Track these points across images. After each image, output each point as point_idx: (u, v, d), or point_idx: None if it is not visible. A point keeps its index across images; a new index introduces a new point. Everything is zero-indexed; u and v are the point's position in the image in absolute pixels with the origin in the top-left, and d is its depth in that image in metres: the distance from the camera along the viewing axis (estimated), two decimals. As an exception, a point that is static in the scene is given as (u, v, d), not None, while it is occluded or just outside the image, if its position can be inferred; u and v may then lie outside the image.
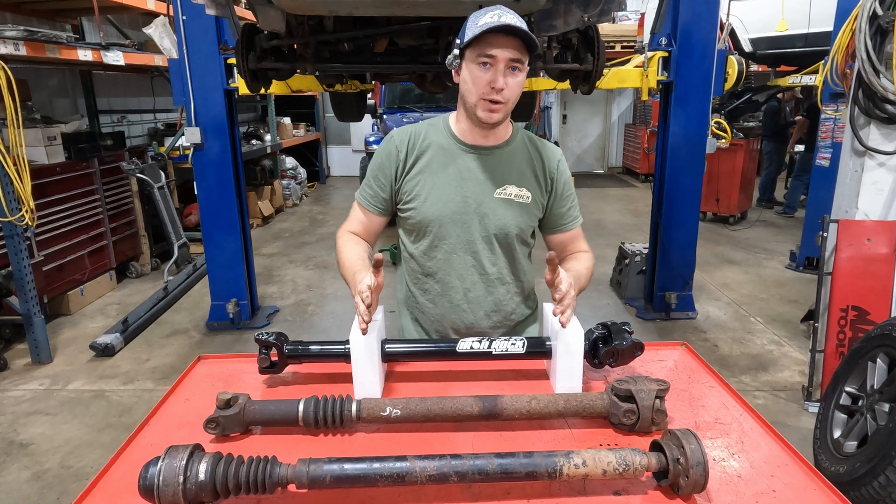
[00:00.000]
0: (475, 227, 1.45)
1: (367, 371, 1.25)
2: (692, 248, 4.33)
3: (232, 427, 1.11)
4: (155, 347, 4.07)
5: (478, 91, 1.34)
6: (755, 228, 7.16)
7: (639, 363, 1.36)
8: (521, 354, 1.30)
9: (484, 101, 1.34)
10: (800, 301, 4.68)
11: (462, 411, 1.13)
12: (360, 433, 1.15)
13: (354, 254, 1.43)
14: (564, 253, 1.54)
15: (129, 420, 3.14)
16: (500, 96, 1.33)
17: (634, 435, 1.13)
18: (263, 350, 1.30)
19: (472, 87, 1.34)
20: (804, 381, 3.37)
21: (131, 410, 3.24)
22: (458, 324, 1.52)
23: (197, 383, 1.36)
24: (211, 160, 4.09)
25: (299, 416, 1.12)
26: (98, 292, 5.01)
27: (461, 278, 1.49)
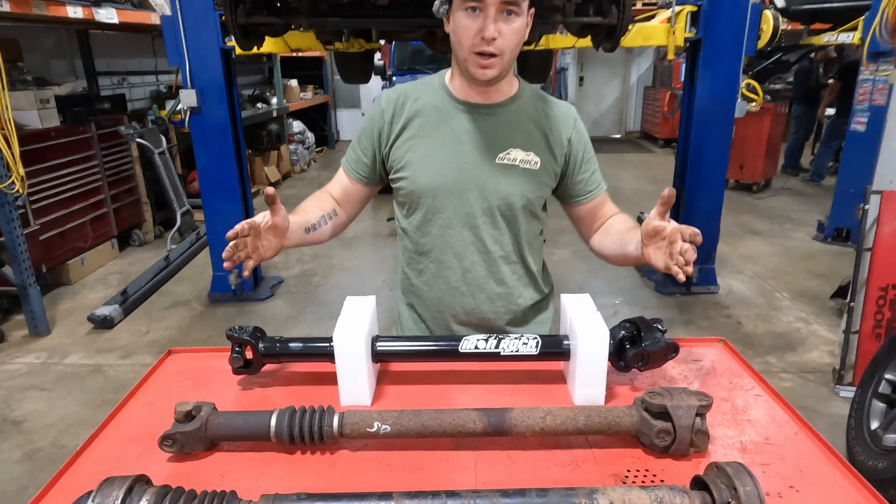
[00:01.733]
0: (474, 199, 1.25)
1: (355, 375, 1.07)
2: (716, 218, 4.08)
3: (192, 444, 0.95)
4: (155, 319, 3.96)
5: (467, 42, 1.14)
6: (780, 197, 6.85)
7: (670, 364, 1.17)
8: (533, 356, 1.11)
9: (475, 56, 1.14)
10: (828, 275, 4.44)
11: (464, 428, 0.95)
12: (343, 451, 0.98)
13: (304, 205, 1.31)
14: (598, 222, 1.36)
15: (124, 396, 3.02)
16: (492, 47, 1.12)
17: (669, 458, 0.95)
18: (236, 348, 1.13)
19: (460, 38, 1.15)
20: (834, 362, 3.17)
21: (128, 387, 3.11)
22: (456, 309, 1.34)
23: (164, 383, 1.19)
24: (209, 124, 3.88)
25: (271, 432, 0.95)
26: (99, 261, 4.89)
27: (459, 257, 1.30)
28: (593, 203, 1.34)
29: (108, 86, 6.12)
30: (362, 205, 1.40)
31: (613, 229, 1.31)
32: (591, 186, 1.33)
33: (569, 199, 1.35)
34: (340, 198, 1.36)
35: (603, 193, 1.35)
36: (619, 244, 1.24)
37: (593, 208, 1.35)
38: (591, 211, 1.35)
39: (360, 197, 1.37)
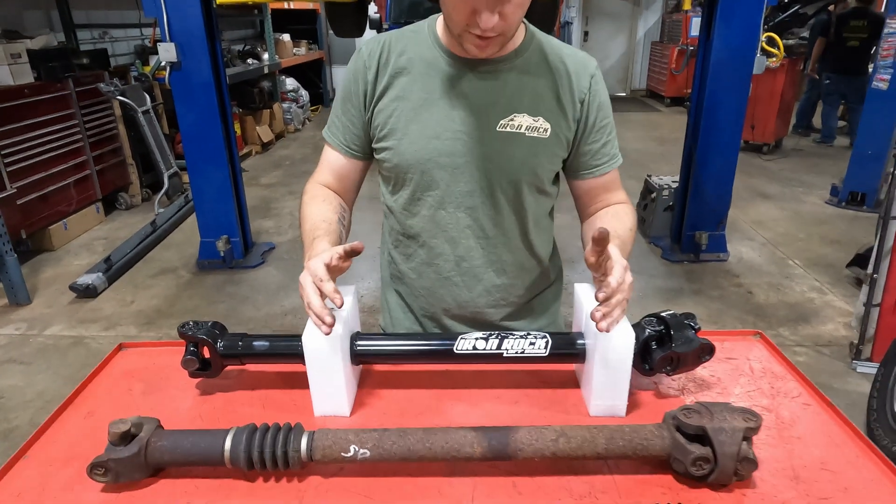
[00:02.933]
0: (472, 174, 1.05)
1: (329, 382, 0.90)
2: (729, 181, 3.87)
3: (129, 473, 0.78)
4: (141, 288, 3.79)
5: (459, 20, 0.92)
6: (791, 159, 6.61)
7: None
8: (542, 357, 0.94)
9: (469, 34, 0.93)
10: (842, 242, 4.26)
11: (459, 453, 0.79)
12: (314, 477, 0.81)
13: (319, 214, 1.06)
14: (595, 206, 1.15)
15: (107, 371, 2.88)
16: (491, 31, 0.91)
17: (706, 487, 0.79)
18: (191, 347, 0.96)
19: (450, 12, 0.93)
20: (851, 336, 3.02)
21: (110, 360, 2.98)
22: (448, 302, 1.16)
23: (110, 386, 1.03)
24: (191, 81, 3.63)
25: (226, 457, 0.78)
26: (84, 226, 4.70)
27: (452, 242, 1.11)
28: (596, 182, 1.12)
29: (87, 40, 5.79)
30: (361, 184, 1.19)
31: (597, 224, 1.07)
32: (597, 160, 1.11)
33: (573, 172, 1.13)
34: (336, 184, 1.15)
35: (612, 172, 1.13)
36: None
37: (594, 188, 1.13)
38: (592, 191, 1.14)
39: (357, 175, 1.16)
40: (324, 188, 1.14)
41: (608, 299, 0.85)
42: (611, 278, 0.86)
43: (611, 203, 1.14)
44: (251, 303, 3.58)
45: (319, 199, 1.10)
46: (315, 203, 1.09)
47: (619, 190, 1.15)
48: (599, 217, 1.11)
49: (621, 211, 1.11)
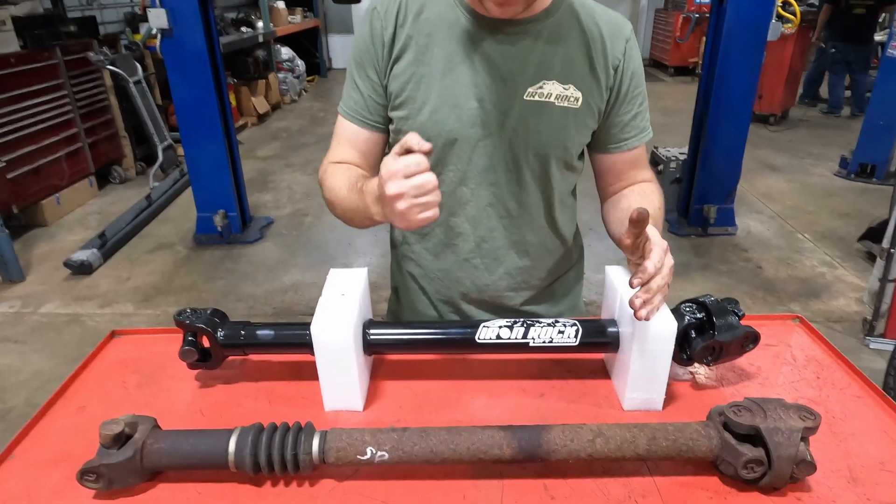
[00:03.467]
0: (496, 147, 0.96)
1: (341, 375, 0.83)
2: (739, 153, 3.77)
3: (123, 479, 0.71)
4: (137, 264, 3.71)
5: None
6: (798, 129, 6.48)
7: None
8: (572, 347, 0.86)
9: None
10: (852, 215, 4.18)
11: (486, 455, 0.72)
12: (327, 480, 0.74)
13: (352, 172, 0.98)
14: (619, 184, 1.06)
15: (104, 350, 2.82)
16: None
17: (756, 491, 0.72)
18: (189, 337, 0.88)
19: None
20: (864, 311, 2.97)
21: (107, 339, 2.91)
22: (466, 285, 1.08)
23: (102, 377, 0.95)
24: (184, 50, 3.49)
25: (230, 460, 0.71)
26: (77, 201, 4.59)
27: (473, 222, 1.03)
28: (623, 157, 1.03)
29: (74, 6, 5.59)
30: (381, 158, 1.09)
31: (624, 205, 1.00)
32: (627, 133, 1.02)
33: (600, 145, 1.04)
34: (358, 160, 1.04)
35: (640, 147, 1.04)
36: (619, 229, 0.96)
37: (620, 164, 1.04)
38: (617, 167, 1.05)
39: (379, 147, 1.06)
40: (348, 168, 1.03)
41: (646, 284, 0.77)
42: (648, 262, 0.78)
43: (636, 181, 1.05)
44: (250, 279, 3.51)
45: (343, 168, 1.00)
46: (339, 173, 0.99)
47: (645, 167, 1.06)
48: (625, 196, 1.02)
49: (648, 189, 1.03)
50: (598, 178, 1.08)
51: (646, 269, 0.78)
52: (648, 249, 0.79)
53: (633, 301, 0.77)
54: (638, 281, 0.78)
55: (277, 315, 3.10)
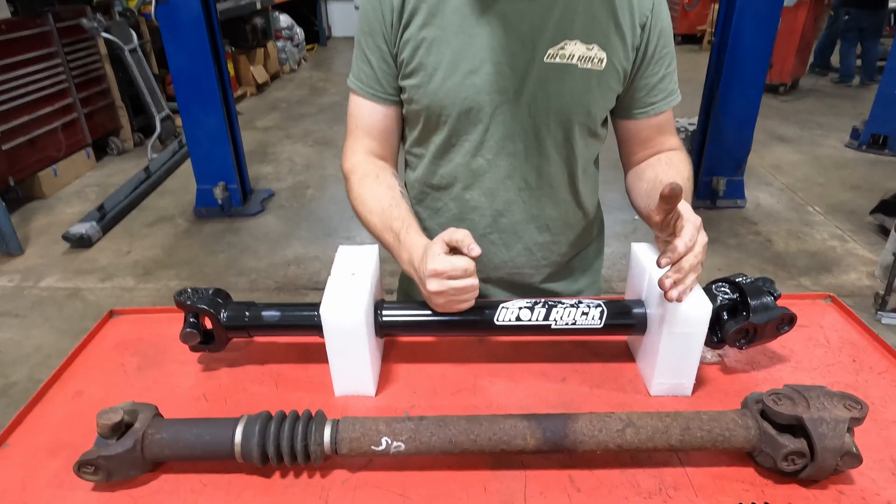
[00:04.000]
0: (514, 114, 0.90)
1: (352, 360, 0.78)
2: (751, 124, 3.68)
3: (124, 470, 0.67)
4: (137, 238, 3.65)
5: None
6: (808, 99, 6.34)
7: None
8: (596, 329, 0.81)
9: None
10: (863, 187, 4.10)
11: (509, 445, 0.67)
12: (339, 472, 0.70)
13: (384, 198, 0.92)
14: (644, 152, 1.00)
15: (105, 325, 2.78)
16: None
17: (795, 483, 0.68)
18: (191, 319, 0.83)
19: None
20: (875, 285, 2.92)
21: (109, 313, 2.88)
22: (482, 263, 1.03)
23: (101, 360, 0.90)
24: (180, 17, 3.37)
25: (236, 451, 0.67)
26: (75, 172, 4.51)
27: (490, 195, 0.97)
28: (649, 123, 0.96)
29: (66, -29, 5.41)
30: (401, 135, 1.02)
31: (651, 175, 0.93)
32: (654, 97, 0.95)
33: (624, 110, 0.97)
34: (379, 146, 0.98)
35: (667, 112, 0.97)
36: (646, 202, 0.90)
37: (647, 130, 0.97)
38: (643, 133, 0.98)
39: (399, 124, 0.99)
40: (368, 159, 0.97)
41: (676, 263, 0.72)
42: (678, 241, 0.72)
43: (663, 148, 0.99)
44: (252, 252, 3.46)
45: (372, 178, 0.94)
46: (369, 184, 0.93)
47: (672, 133, 1.00)
48: (651, 166, 0.96)
49: (676, 158, 0.96)
50: (621, 145, 1.02)
51: (676, 248, 0.72)
52: (680, 227, 0.73)
53: (663, 281, 0.72)
54: (667, 261, 0.73)
55: (280, 290, 3.06)
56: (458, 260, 0.75)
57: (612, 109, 0.98)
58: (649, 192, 0.89)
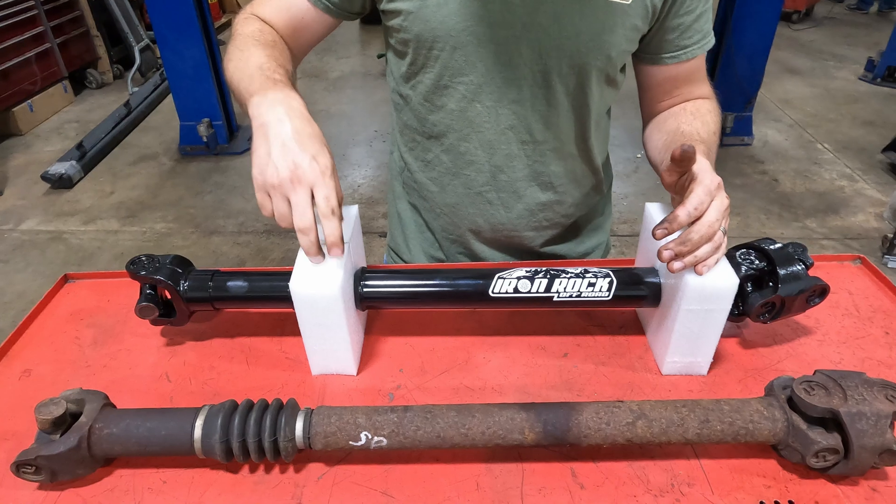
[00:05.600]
0: (521, 54, 0.77)
1: (329, 338, 0.69)
2: (763, 55, 3.48)
3: (70, 469, 0.59)
4: (120, 177, 3.51)
5: None
6: (822, 28, 6.04)
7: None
8: (604, 301, 0.72)
9: None
10: (876, 123, 3.95)
11: (505, 440, 0.60)
12: (314, 466, 0.63)
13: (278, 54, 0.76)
14: (669, 101, 0.88)
15: (90, 268, 2.70)
16: None
17: (824, 479, 0.61)
18: (147, 291, 0.73)
19: None
20: (883, 227, 2.84)
21: (93, 258, 2.79)
22: (478, 223, 0.93)
23: (53, 331, 0.81)
24: (150, -66, 3.10)
25: (196, 447, 0.59)
26: (52, 107, 4.30)
27: (488, 148, 0.85)
28: (679, 69, 0.84)
29: None
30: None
31: (672, 126, 0.82)
32: (687, 39, 0.81)
33: (651, 54, 0.84)
34: (287, 32, 0.83)
35: (699, 58, 0.84)
36: (661, 156, 0.79)
37: (676, 77, 0.85)
38: (671, 81, 0.85)
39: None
40: (270, 31, 0.81)
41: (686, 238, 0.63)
42: (680, 208, 0.63)
43: (692, 97, 0.86)
44: (240, 193, 3.33)
45: (263, 34, 0.78)
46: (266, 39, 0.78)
47: (704, 80, 0.87)
48: (673, 115, 0.84)
49: (703, 108, 0.84)
50: (643, 93, 0.89)
51: (675, 217, 0.63)
52: (690, 191, 0.63)
53: (662, 253, 0.64)
54: (662, 231, 0.64)
55: (270, 233, 2.96)
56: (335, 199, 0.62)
57: (634, 52, 0.85)
58: (669, 144, 0.78)
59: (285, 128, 0.62)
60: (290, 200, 0.61)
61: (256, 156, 0.62)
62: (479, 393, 0.71)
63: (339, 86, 4.76)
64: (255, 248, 2.86)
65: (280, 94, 0.66)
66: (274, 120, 0.63)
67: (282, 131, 0.62)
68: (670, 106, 0.86)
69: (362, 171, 3.52)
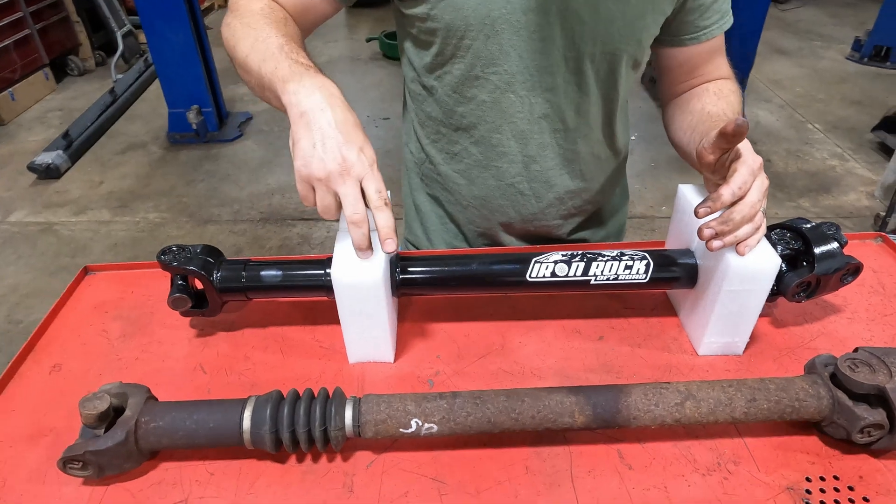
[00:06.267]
0: (555, 42, 0.76)
1: (369, 326, 0.69)
2: (755, 36, 3.49)
3: (117, 464, 0.58)
4: (109, 167, 3.44)
5: None
6: (808, 8, 6.05)
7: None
8: (641, 284, 0.73)
9: None
10: (864, 103, 3.98)
11: (555, 423, 0.60)
12: (361, 454, 0.63)
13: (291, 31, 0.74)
14: (689, 82, 0.87)
15: (83, 261, 2.65)
16: None
17: (866, 454, 0.62)
18: (179, 282, 0.72)
19: None
20: (875, 205, 2.88)
21: (86, 249, 2.74)
22: (509, 215, 0.92)
23: (78, 325, 0.80)
24: (133, -85, 3.01)
25: (245, 438, 0.59)
26: (34, 96, 4.19)
27: (522, 138, 0.84)
28: (700, 49, 0.83)
29: None
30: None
31: (696, 107, 0.81)
32: (707, 19, 0.81)
33: (671, 35, 0.83)
34: (295, 11, 0.80)
35: (717, 39, 0.84)
36: (690, 137, 0.78)
37: (696, 58, 0.84)
38: (691, 62, 0.85)
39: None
40: (279, 6, 0.78)
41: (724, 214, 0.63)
42: (725, 188, 0.63)
43: (712, 77, 0.86)
44: (233, 181, 3.29)
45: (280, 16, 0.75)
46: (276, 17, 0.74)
47: (723, 60, 0.87)
48: (697, 96, 0.84)
49: (726, 89, 0.84)
50: (662, 75, 0.89)
51: (720, 195, 0.63)
52: (733, 170, 0.63)
53: (703, 231, 0.64)
54: (705, 210, 0.64)
55: (266, 220, 2.93)
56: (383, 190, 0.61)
57: (656, 39, 0.84)
58: (695, 125, 0.77)
59: (327, 117, 0.60)
60: (339, 192, 0.59)
61: (299, 147, 0.60)
62: (518, 377, 0.71)
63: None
64: (252, 237, 2.83)
65: (317, 80, 0.63)
66: (316, 108, 0.60)
67: (324, 121, 0.60)
68: (691, 87, 0.86)
69: (356, 157, 3.48)
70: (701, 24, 0.81)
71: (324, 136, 0.59)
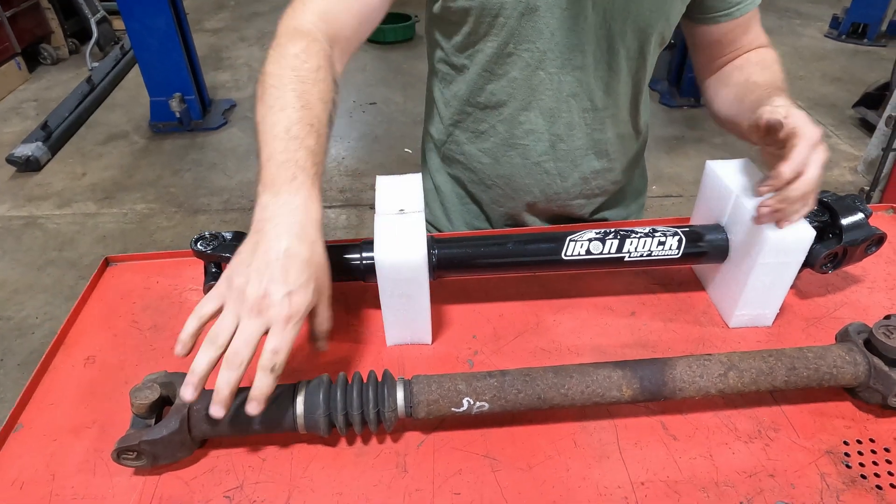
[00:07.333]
0: (587, 20, 0.76)
1: (410, 308, 0.69)
2: (739, 15, 3.51)
3: (170, 454, 0.58)
4: (90, 158, 3.37)
5: None
6: (786, -14, 6.12)
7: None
8: (673, 259, 0.74)
9: None
10: (844, 79, 4.06)
11: (603, 397, 0.61)
12: (412, 435, 0.63)
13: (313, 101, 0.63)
14: (727, 56, 0.87)
15: (71, 255, 2.60)
16: None
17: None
18: (213, 269, 0.71)
19: None
20: (858, 180, 2.95)
21: (73, 242, 2.69)
22: (534, 194, 0.92)
23: (107, 316, 0.79)
24: None
25: (299, 423, 0.59)
26: (7, 86, 4.07)
27: (550, 116, 0.84)
28: (734, 24, 0.83)
29: None
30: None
31: (740, 79, 0.82)
32: None
33: (697, 13, 0.83)
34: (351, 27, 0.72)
35: (752, 11, 0.84)
36: (737, 108, 0.79)
37: (731, 33, 0.84)
38: (727, 37, 0.85)
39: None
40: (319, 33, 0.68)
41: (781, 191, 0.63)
42: (785, 165, 0.62)
43: (751, 47, 0.87)
44: (221, 170, 3.24)
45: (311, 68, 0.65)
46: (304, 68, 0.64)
47: (759, 29, 0.87)
48: (738, 68, 0.85)
49: (769, 58, 0.85)
50: (697, 52, 0.89)
51: (781, 173, 0.63)
52: (792, 146, 0.64)
53: (761, 211, 0.64)
54: (767, 188, 0.64)
55: (257, 208, 2.89)
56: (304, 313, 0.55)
57: (688, 15, 0.84)
58: (742, 96, 0.78)
59: (278, 247, 0.54)
60: (240, 325, 0.53)
61: (238, 257, 0.55)
62: (556, 354, 0.72)
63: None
64: (244, 226, 2.75)
65: (294, 200, 0.56)
66: (272, 234, 0.55)
67: (273, 250, 0.54)
68: (730, 60, 0.87)
69: (345, 144, 3.46)
70: (729, 2, 0.82)
71: (263, 263, 0.54)
